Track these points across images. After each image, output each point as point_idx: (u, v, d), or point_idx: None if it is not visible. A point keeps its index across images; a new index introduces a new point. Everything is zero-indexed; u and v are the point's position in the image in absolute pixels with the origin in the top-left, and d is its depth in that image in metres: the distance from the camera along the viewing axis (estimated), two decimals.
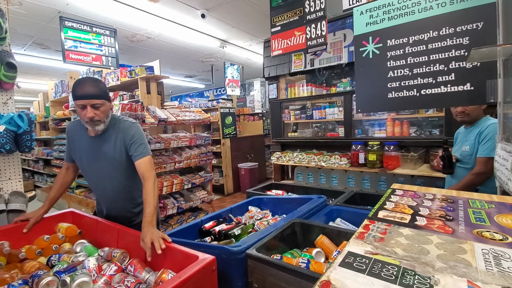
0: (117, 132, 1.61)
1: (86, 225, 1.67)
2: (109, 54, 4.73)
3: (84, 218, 1.75)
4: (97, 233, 1.60)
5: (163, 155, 3.75)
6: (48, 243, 1.49)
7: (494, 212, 0.75)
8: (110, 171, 1.64)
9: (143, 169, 1.54)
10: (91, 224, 1.65)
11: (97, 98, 1.45)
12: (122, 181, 1.67)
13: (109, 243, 1.49)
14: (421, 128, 3.12)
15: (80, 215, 1.80)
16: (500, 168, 1.22)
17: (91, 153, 1.63)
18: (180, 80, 10.68)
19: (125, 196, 1.72)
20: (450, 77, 1.55)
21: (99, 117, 1.48)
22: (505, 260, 0.51)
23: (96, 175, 1.67)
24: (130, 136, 1.59)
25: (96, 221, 1.62)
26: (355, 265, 0.49)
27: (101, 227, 1.59)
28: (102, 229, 1.58)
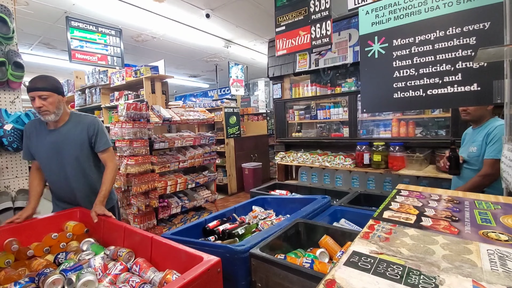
0: (79, 126, 1.80)
1: (94, 223, 1.68)
2: (114, 54, 4.77)
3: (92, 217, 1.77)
4: (104, 231, 1.62)
5: (167, 154, 3.77)
6: (55, 241, 1.51)
7: (500, 213, 0.75)
8: (72, 162, 1.77)
9: (106, 159, 1.84)
10: (98, 222, 1.67)
11: (44, 90, 1.63)
12: (84, 171, 1.82)
13: (115, 241, 1.50)
14: (427, 128, 3.09)
15: (88, 213, 1.80)
16: (507, 169, 1.21)
17: (52, 146, 1.75)
18: (185, 80, 10.73)
19: (87, 186, 1.85)
20: (456, 77, 1.53)
21: (46, 108, 1.63)
22: (510, 261, 0.50)
23: (58, 167, 1.77)
24: (93, 129, 1.80)
25: (103, 220, 1.64)
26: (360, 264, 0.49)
27: (108, 225, 1.60)
28: (108, 228, 1.59)
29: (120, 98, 4.67)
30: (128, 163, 3.06)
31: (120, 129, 3.16)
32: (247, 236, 1.65)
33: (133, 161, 3.07)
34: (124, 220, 3.36)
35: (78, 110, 5.65)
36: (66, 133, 1.77)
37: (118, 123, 3.21)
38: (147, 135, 3.29)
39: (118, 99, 4.73)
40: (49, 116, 1.66)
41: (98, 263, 1.25)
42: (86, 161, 1.83)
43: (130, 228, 1.47)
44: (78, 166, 1.79)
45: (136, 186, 3.09)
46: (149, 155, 3.27)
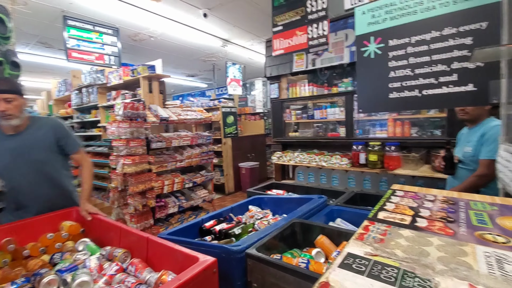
0: (43, 129, 1.75)
1: (90, 223, 1.67)
2: (111, 53, 4.75)
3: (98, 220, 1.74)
4: (100, 231, 1.61)
5: (164, 154, 3.76)
6: (51, 241, 1.49)
7: (496, 214, 0.75)
8: (38, 166, 1.71)
9: (79, 159, 1.87)
10: (94, 222, 1.66)
11: (9, 93, 1.57)
12: (51, 174, 1.78)
13: (111, 242, 1.49)
14: (423, 128, 3.11)
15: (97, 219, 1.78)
16: (503, 169, 1.21)
17: (13, 152, 1.65)
18: (182, 79, 10.70)
19: (55, 189, 1.80)
20: (452, 77, 1.54)
21: (11, 112, 1.57)
22: (508, 264, 0.50)
23: (20, 173, 1.67)
24: (60, 131, 1.80)
25: (100, 220, 1.63)
26: (354, 267, 0.48)
27: (104, 225, 1.59)
28: (105, 228, 1.58)
29: (117, 98, 4.64)
30: (125, 163, 3.04)
31: (117, 128, 3.14)
32: (243, 236, 1.64)
33: (130, 160, 3.05)
34: (121, 220, 3.34)
35: (75, 109, 5.62)
36: (30, 137, 1.69)
37: (115, 122, 3.19)
38: (144, 135, 3.27)
39: (115, 99, 4.70)
40: (12, 121, 1.59)
41: (93, 263, 1.24)
42: (53, 165, 1.78)
43: (126, 228, 1.46)
44: (44, 170, 1.73)
45: (133, 185, 3.07)
46: (146, 155, 3.25)
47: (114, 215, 3.37)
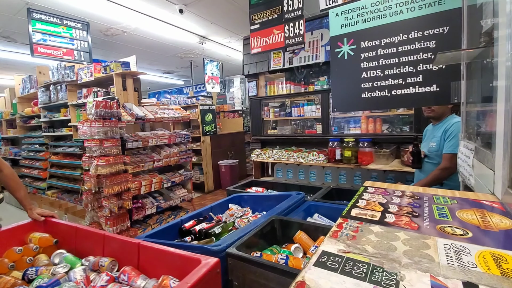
0: None
1: (63, 233, 1.56)
2: (81, 49, 4.52)
3: (60, 226, 1.62)
4: (76, 241, 1.50)
5: (141, 153, 3.66)
6: (20, 256, 1.37)
7: (456, 207, 0.81)
8: None
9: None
10: (68, 231, 1.54)
11: None
12: None
13: (92, 251, 1.40)
14: (393, 125, 3.27)
15: (54, 222, 1.66)
16: (463, 164, 1.31)
17: None
18: (158, 76, 10.41)
19: None
20: (418, 78, 1.63)
21: None
22: (465, 255, 0.55)
23: None
24: None
25: (76, 228, 1.52)
26: (328, 264, 0.51)
27: (82, 234, 1.48)
28: (83, 237, 1.48)
29: (89, 96, 4.43)
30: (99, 164, 2.93)
31: (89, 128, 3.01)
32: (224, 235, 1.65)
33: (104, 161, 2.94)
34: (96, 224, 3.23)
35: (43, 108, 5.30)
36: None
37: (86, 122, 3.05)
38: (119, 134, 3.17)
39: (87, 96, 4.49)
40: None
41: (79, 276, 1.15)
42: None
43: (111, 235, 1.36)
44: None
45: (108, 187, 2.97)
46: (121, 155, 3.15)
47: (88, 219, 3.25)
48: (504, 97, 0.84)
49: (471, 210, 0.78)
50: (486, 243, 0.59)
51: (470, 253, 0.55)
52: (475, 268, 0.50)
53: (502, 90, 0.87)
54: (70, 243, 1.51)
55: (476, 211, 0.77)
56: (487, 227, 0.67)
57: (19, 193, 1.63)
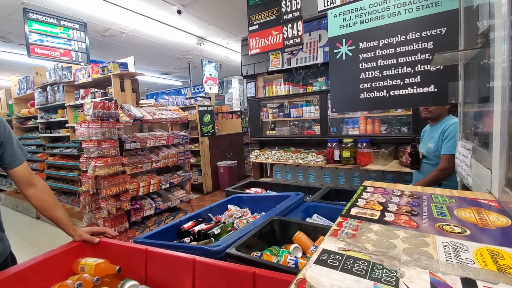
0: None
1: (123, 257, 1.21)
2: (79, 49, 4.51)
3: (112, 246, 1.28)
4: (149, 267, 1.14)
5: (139, 154, 3.65)
6: None
7: (454, 206, 0.82)
8: None
9: (28, 175, 1.27)
10: (138, 255, 1.17)
11: None
12: None
13: (173, 280, 1.08)
14: (391, 126, 3.29)
15: (108, 243, 1.30)
16: (461, 164, 1.32)
17: None
18: (156, 77, 10.41)
19: None
20: (416, 79, 1.65)
21: None
22: (463, 252, 0.56)
23: None
24: (3, 133, 1.20)
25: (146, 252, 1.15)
26: (329, 262, 0.52)
27: (154, 257, 1.13)
28: (155, 261, 1.13)
29: (86, 96, 4.42)
30: (97, 165, 2.92)
31: (86, 129, 3.01)
32: (223, 236, 1.65)
33: (102, 162, 2.93)
34: (93, 225, 3.21)
35: (40, 109, 5.28)
36: None
37: (84, 122, 3.04)
38: (117, 135, 3.16)
39: (84, 97, 4.47)
40: None
41: None
42: None
43: (205, 261, 1.01)
44: None
45: (106, 188, 2.96)
46: (119, 156, 3.15)
47: (86, 220, 3.23)
48: (500, 98, 0.85)
49: (469, 209, 0.79)
50: (484, 240, 0.60)
51: (468, 250, 0.56)
52: (473, 265, 0.51)
53: (498, 90, 0.88)
54: (136, 269, 1.15)
55: (474, 210, 0.78)
56: (484, 225, 0.68)
57: (57, 211, 1.30)
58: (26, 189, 1.26)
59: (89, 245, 1.30)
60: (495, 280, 0.45)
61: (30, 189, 1.27)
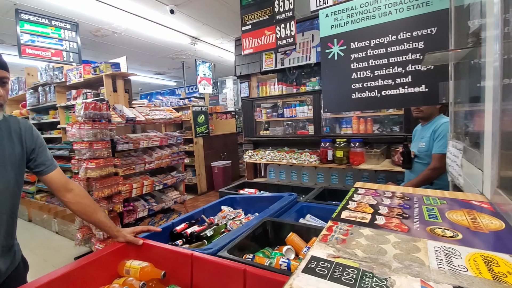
0: (12, 130, 1.12)
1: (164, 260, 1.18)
2: (70, 49, 4.45)
3: (156, 249, 1.24)
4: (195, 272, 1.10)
5: (132, 155, 3.61)
6: None
7: (446, 208, 0.81)
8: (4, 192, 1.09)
9: (64, 180, 1.25)
10: (183, 259, 1.13)
11: (6, 70, 1.04)
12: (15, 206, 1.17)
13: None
14: (383, 125, 3.30)
15: (149, 245, 1.27)
16: (452, 164, 1.32)
17: None
18: (150, 77, 10.32)
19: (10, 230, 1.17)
20: (407, 79, 1.65)
21: (3, 98, 1.04)
22: (455, 258, 0.53)
23: None
24: (36, 139, 1.18)
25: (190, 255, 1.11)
26: (317, 270, 0.50)
27: (200, 263, 1.09)
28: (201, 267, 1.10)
29: (78, 97, 4.35)
30: (88, 167, 2.88)
31: (78, 130, 2.95)
32: (216, 238, 1.63)
33: (93, 164, 2.89)
34: (86, 228, 3.17)
35: (31, 110, 5.18)
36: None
37: (76, 124, 2.99)
38: (109, 136, 3.11)
39: (76, 98, 4.40)
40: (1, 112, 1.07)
41: None
42: (19, 191, 1.18)
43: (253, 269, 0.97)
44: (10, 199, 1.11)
45: (98, 190, 2.91)
46: (111, 157, 3.10)
47: (78, 223, 3.18)
48: (492, 97, 0.85)
49: (461, 211, 0.78)
50: (476, 245, 0.59)
51: (460, 256, 0.54)
52: (466, 272, 0.49)
53: (490, 90, 0.87)
54: (180, 275, 1.11)
55: (466, 212, 0.77)
56: (477, 228, 0.67)
57: (98, 214, 1.27)
58: (64, 195, 1.23)
59: (132, 247, 1.27)
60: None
61: (68, 194, 1.23)
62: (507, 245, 0.59)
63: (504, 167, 0.81)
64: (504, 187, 0.80)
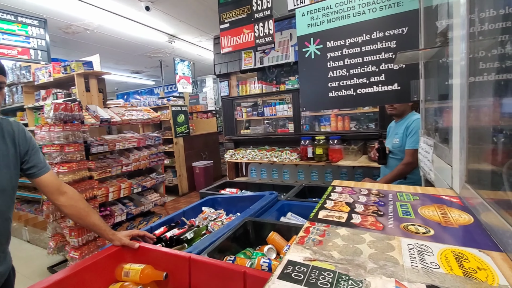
0: (5, 132, 1.12)
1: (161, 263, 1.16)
2: (38, 47, 4.21)
3: (153, 252, 1.22)
4: (193, 274, 1.08)
5: (108, 158, 3.47)
6: None
7: (418, 204, 0.83)
8: None
9: (57, 182, 1.23)
10: (171, 261, 1.13)
11: (4, 74, 1.07)
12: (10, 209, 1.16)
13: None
14: (360, 122, 3.39)
15: (146, 248, 1.25)
16: (423, 159, 1.37)
17: None
18: (126, 76, 9.98)
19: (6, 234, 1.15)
20: (381, 77, 1.69)
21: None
22: (428, 255, 0.54)
23: None
24: (29, 141, 1.18)
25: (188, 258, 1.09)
26: (293, 276, 0.49)
27: (198, 266, 1.07)
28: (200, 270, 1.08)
29: (48, 98, 4.12)
30: (60, 171, 2.73)
31: (47, 132, 2.79)
32: (196, 240, 1.60)
33: (65, 168, 2.74)
34: (59, 235, 3.01)
35: None
36: None
37: (45, 126, 2.83)
38: (82, 139, 2.97)
39: (45, 99, 4.17)
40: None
41: None
42: (14, 194, 1.17)
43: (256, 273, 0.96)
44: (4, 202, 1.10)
45: None
46: (85, 161, 2.96)
47: (50, 230, 3.02)
48: (459, 95, 0.88)
49: (432, 206, 0.81)
50: (447, 241, 0.60)
51: (432, 252, 0.55)
52: (438, 269, 0.50)
53: (457, 88, 0.91)
54: (179, 278, 1.10)
55: (437, 207, 0.80)
56: (447, 224, 0.69)
57: (93, 216, 1.25)
58: (57, 198, 1.21)
59: (128, 250, 1.24)
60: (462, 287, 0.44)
61: (61, 197, 1.21)
62: (476, 240, 0.61)
63: (472, 162, 0.85)
64: (472, 181, 0.83)
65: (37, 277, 3.07)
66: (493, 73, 0.76)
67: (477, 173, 0.84)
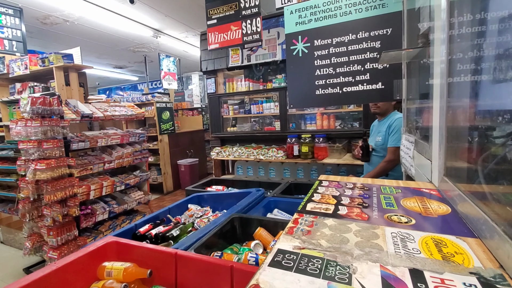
0: None
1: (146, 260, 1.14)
2: (13, 38, 4.02)
3: (137, 249, 1.19)
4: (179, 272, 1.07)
5: (89, 155, 3.36)
6: None
7: (400, 196, 0.87)
8: None
9: None
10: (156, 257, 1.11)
11: None
12: None
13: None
14: (344, 121, 3.47)
15: (130, 245, 1.21)
16: (405, 156, 1.43)
17: None
18: (109, 71, 9.68)
19: None
20: (366, 76, 1.74)
21: None
22: (410, 242, 0.58)
23: None
24: None
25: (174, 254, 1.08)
26: (283, 263, 0.50)
27: (185, 262, 1.06)
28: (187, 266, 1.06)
29: (24, 91, 3.93)
30: (37, 168, 2.62)
31: (24, 128, 2.67)
32: (182, 237, 1.59)
33: (43, 165, 2.63)
34: (37, 235, 2.90)
35: None
36: None
37: (21, 120, 2.70)
38: (61, 134, 2.86)
39: (21, 92, 3.98)
40: None
41: None
42: None
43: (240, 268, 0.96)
44: None
45: (49, 194, 2.67)
46: (64, 157, 2.85)
47: (26, 230, 2.90)
48: (439, 94, 0.92)
49: (413, 198, 0.85)
50: (427, 229, 0.64)
51: (414, 239, 0.59)
52: (419, 254, 0.53)
53: (437, 87, 0.95)
54: (164, 275, 1.08)
55: (418, 199, 0.84)
56: (427, 214, 0.73)
57: None
58: None
59: (111, 248, 1.21)
60: (441, 270, 0.48)
61: None
62: (453, 228, 0.65)
63: (450, 157, 0.89)
64: (450, 175, 0.88)
65: (12, 279, 2.94)
66: (469, 74, 0.81)
67: (455, 167, 0.89)
